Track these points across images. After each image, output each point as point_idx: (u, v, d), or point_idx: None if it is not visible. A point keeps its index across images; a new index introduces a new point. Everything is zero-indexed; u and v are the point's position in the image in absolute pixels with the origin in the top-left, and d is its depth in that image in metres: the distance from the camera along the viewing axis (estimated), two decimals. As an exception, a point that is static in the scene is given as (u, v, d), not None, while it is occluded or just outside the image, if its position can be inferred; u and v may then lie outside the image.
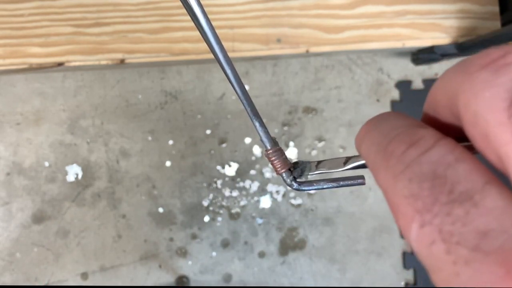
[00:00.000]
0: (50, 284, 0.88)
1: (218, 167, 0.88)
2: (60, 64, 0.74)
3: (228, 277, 0.88)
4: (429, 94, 0.16)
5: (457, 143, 0.13)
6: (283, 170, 0.21)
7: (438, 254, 0.11)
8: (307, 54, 0.78)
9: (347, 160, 0.19)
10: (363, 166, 0.18)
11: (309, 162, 0.22)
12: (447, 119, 0.15)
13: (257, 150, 0.88)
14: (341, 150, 0.88)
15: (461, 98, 0.13)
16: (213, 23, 0.19)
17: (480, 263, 0.10)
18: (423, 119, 0.16)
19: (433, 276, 0.12)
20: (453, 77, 0.13)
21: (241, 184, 0.88)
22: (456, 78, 0.13)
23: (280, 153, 0.21)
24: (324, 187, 0.21)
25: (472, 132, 0.12)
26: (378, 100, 0.89)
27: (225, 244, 0.88)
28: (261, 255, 0.88)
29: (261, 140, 0.22)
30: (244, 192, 0.88)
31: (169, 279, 0.88)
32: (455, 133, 0.15)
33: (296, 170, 0.22)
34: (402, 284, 0.88)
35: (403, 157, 0.13)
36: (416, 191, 0.12)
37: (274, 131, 0.88)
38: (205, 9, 0.19)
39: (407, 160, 0.13)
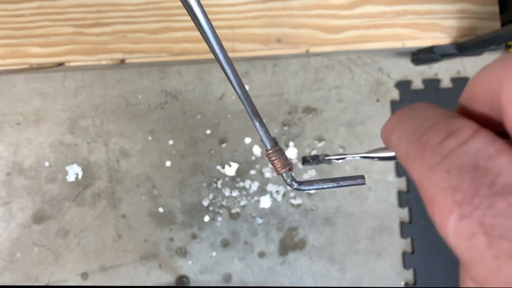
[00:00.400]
0: (50, 284, 0.88)
1: (218, 167, 0.88)
2: (60, 64, 0.74)
3: (228, 277, 0.88)
4: (467, 86, 0.15)
5: (496, 135, 0.12)
6: (283, 170, 0.21)
7: (479, 247, 0.11)
8: (307, 54, 0.78)
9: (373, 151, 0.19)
10: (391, 158, 0.18)
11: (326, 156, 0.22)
12: (485, 112, 0.14)
13: (257, 150, 0.88)
14: (341, 150, 0.88)
15: (505, 92, 0.12)
16: (213, 23, 0.19)
17: None
18: (459, 109, 0.16)
19: (472, 270, 0.11)
20: (495, 71, 0.13)
21: (241, 184, 0.88)
22: (499, 71, 0.13)
23: (280, 153, 0.21)
24: (324, 187, 0.21)
25: None
26: (378, 100, 0.89)
27: (225, 244, 0.88)
28: (261, 255, 0.88)
29: (261, 140, 0.22)
30: (244, 192, 0.88)
31: (169, 279, 0.88)
32: (491, 127, 0.14)
33: (312, 161, 0.22)
34: (402, 284, 0.88)
35: (440, 148, 0.13)
36: (455, 183, 0.12)
37: (274, 131, 0.88)
38: (205, 9, 0.19)
39: (445, 151, 0.12)
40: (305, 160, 0.22)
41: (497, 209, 0.11)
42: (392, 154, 0.18)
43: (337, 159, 0.21)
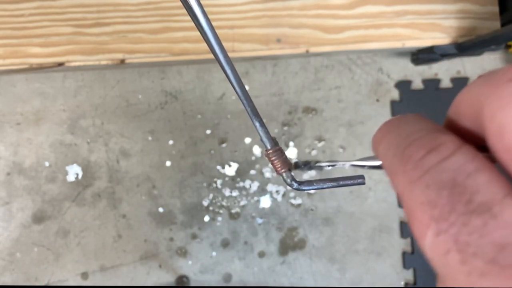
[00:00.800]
0: (50, 284, 0.88)
1: (218, 167, 0.88)
2: (61, 64, 0.74)
3: (228, 277, 0.88)
4: (454, 101, 0.15)
5: (478, 151, 0.13)
6: (283, 170, 0.21)
7: (453, 263, 0.11)
8: (307, 54, 0.78)
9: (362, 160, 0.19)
10: (381, 167, 0.18)
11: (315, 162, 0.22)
12: (469, 128, 0.15)
13: (257, 150, 0.88)
14: (341, 150, 0.88)
15: (487, 109, 0.12)
16: (213, 23, 0.19)
17: (495, 276, 0.10)
18: (446, 123, 0.16)
19: (445, 284, 0.12)
20: (479, 88, 0.13)
21: (241, 184, 0.88)
22: (483, 89, 0.13)
23: (280, 153, 0.21)
24: (324, 187, 0.21)
25: (496, 144, 0.12)
26: (378, 100, 0.89)
27: (225, 244, 0.88)
28: (261, 255, 0.88)
29: (261, 140, 0.22)
30: (244, 192, 0.88)
31: (169, 279, 0.88)
32: (476, 142, 0.14)
33: (303, 166, 0.22)
34: (402, 284, 0.88)
35: (421, 163, 0.13)
36: (434, 198, 0.12)
37: (274, 131, 0.88)
38: (205, 9, 0.19)
39: (426, 166, 0.13)
40: (296, 166, 0.23)
41: (472, 227, 0.11)
42: (379, 163, 0.18)
43: (328, 165, 0.22)
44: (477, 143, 0.14)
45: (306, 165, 0.22)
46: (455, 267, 0.11)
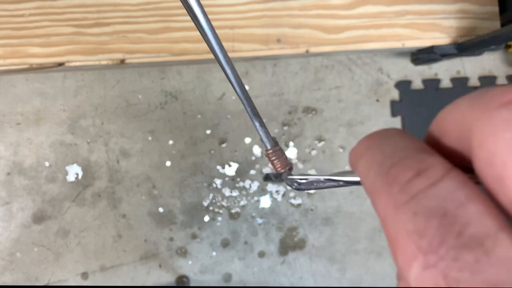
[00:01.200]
0: (50, 284, 0.88)
1: (218, 167, 0.88)
2: (61, 64, 0.74)
3: (228, 277, 0.88)
4: (436, 118, 0.15)
5: (467, 178, 0.12)
6: (283, 170, 0.21)
7: None
8: (307, 54, 0.78)
9: (338, 174, 0.19)
10: (356, 183, 0.17)
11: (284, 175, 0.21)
12: (453, 147, 0.14)
13: (257, 150, 0.88)
14: (340, 150, 0.88)
15: (477, 135, 0.12)
16: (213, 23, 0.19)
17: None
18: (427, 139, 0.16)
19: None
20: (467, 110, 0.13)
21: (241, 184, 0.88)
22: (471, 112, 0.12)
23: (280, 153, 0.21)
24: (324, 187, 0.21)
25: (484, 171, 0.12)
26: (377, 100, 0.89)
27: (225, 244, 0.88)
28: (261, 255, 0.88)
29: (261, 140, 0.22)
30: (244, 192, 0.88)
31: (169, 279, 0.88)
32: (457, 161, 0.14)
33: (274, 179, 0.21)
34: (402, 284, 0.88)
35: (408, 187, 0.12)
36: (422, 228, 0.11)
37: (274, 131, 0.88)
38: (205, 9, 0.19)
39: (413, 191, 0.12)
40: (267, 177, 0.22)
41: (463, 262, 0.10)
42: (357, 179, 0.17)
43: (300, 179, 0.21)
44: (459, 162, 0.14)
45: (277, 177, 0.21)
46: None
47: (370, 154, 0.14)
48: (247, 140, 0.88)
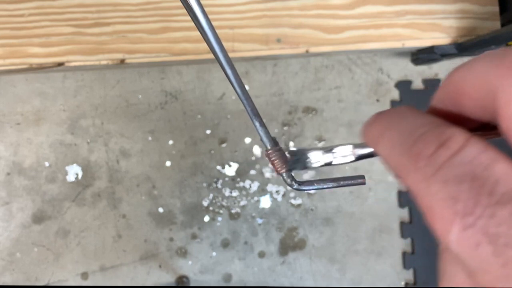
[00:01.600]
0: (50, 284, 0.88)
1: (218, 167, 0.88)
2: (60, 64, 0.74)
3: (228, 277, 0.88)
4: (446, 83, 0.15)
5: (487, 142, 0.12)
6: (283, 170, 0.21)
7: (485, 256, 0.11)
8: (307, 54, 0.78)
9: (355, 147, 0.19)
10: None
11: (308, 151, 0.21)
12: (470, 108, 0.14)
13: (257, 150, 0.88)
14: (341, 150, 0.88)
15: (503, 94, 0.12)
16: (213, 23, 0.19)
17: None
18: (430, 111, 0.16)
19: (479, 277, 0.12)
20: (488, 70, 0.13)
21: (241, 184, 0.88)
22: (494, 71, 0.13)
23: (280, 153, 0.21)
24: (324, 187, 0.21)
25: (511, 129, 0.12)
26: (378, 100, 0.89)
27: (225, 244, 0.88)
28: (261, 255, 0.88)
29: (261, 140, 0.22)
30: (244, 192, 0.88)
31: (169, 279, 0.88)
32: (467, 125, 0.14)
33: (296, 163, 0.21)
34: (402, 284, 0.88)
35: (433, 159, 0.12)
36: (454, 193, 0.12)
37: (274, 131, 0.88)
38: (205, 9, 0.19)
39: (439, 162, 0.12)
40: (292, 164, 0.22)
41: (499, 218, 0.11)
42: (371, 150, 0.18)
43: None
44: (471, 126, 0.14)
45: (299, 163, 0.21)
46: (488, 259, 0.11)
47: (388, 136, 0.15)
48: (247, 140, 0.88)
